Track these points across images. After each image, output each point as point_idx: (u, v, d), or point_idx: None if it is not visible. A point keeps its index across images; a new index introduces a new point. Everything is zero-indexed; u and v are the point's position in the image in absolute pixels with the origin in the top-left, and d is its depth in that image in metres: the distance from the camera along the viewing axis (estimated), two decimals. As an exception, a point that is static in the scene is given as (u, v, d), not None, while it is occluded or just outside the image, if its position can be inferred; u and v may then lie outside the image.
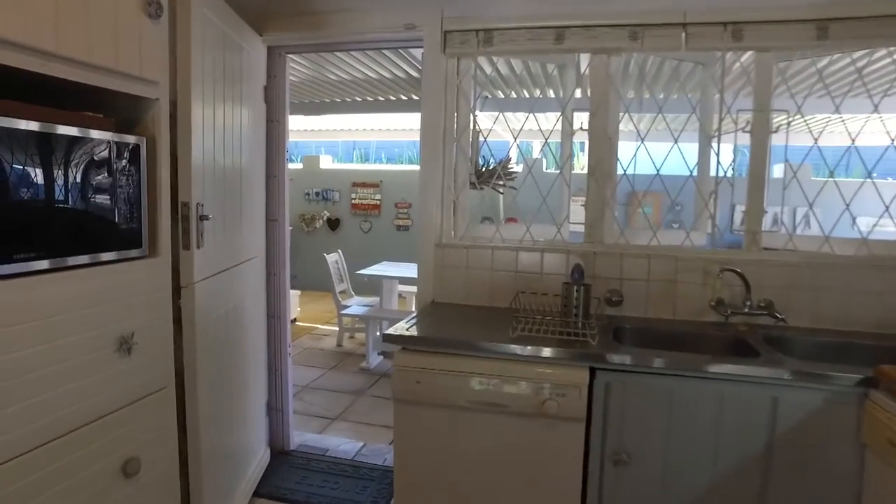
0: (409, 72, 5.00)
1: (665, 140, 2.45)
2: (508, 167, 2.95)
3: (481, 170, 2.75)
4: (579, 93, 2.94)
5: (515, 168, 3.09)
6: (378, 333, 5.50)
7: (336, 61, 4.71)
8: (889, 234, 2.28)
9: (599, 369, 1.76)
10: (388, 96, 6.22)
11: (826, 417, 1.61)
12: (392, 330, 1.95)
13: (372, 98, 6.35)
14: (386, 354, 5.39)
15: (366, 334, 5.30)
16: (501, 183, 2.76)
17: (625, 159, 2.43)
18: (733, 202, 2.32)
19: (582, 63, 2.61)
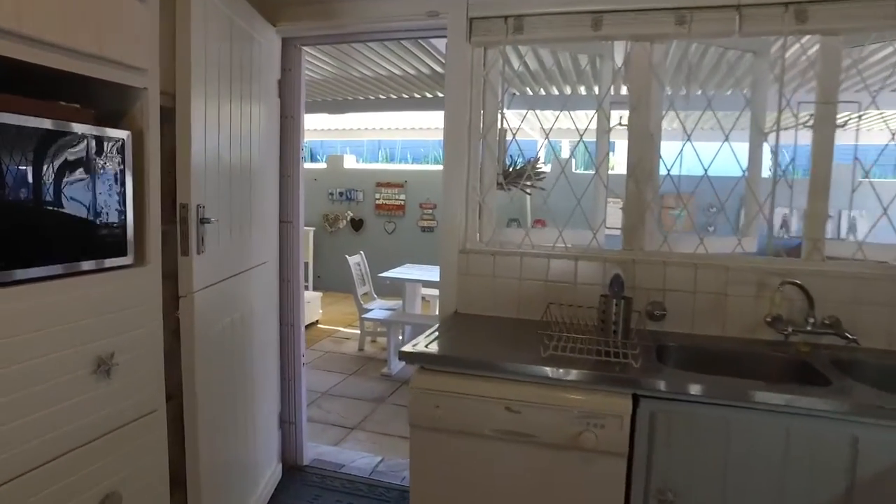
0: (433, 67, 4.81)
1: (705, 140, 2.21)
2: (536, 167, 2.76)
3: (508, 170, 2.55)
4: (614, 89, 2.71)
5: (543, 168, 2.90)
6: (400, 338, 5.36)
7: (359, 57, 4.56)
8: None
9: (644, 396, 1.54)
10: (412, 94, 6.04)
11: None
12: (409, 346, 1.76)
13: (396, 96, 6.19)
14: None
15: (387, 339, 5.15)
16: (529, 184, 2.56)
17: (666, 159, 2.20)
18: (781, 205, 2.08)
19: (618, 55, 2.39)
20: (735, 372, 1.79)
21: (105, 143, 1.30)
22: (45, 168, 1.18)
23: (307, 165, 10.52)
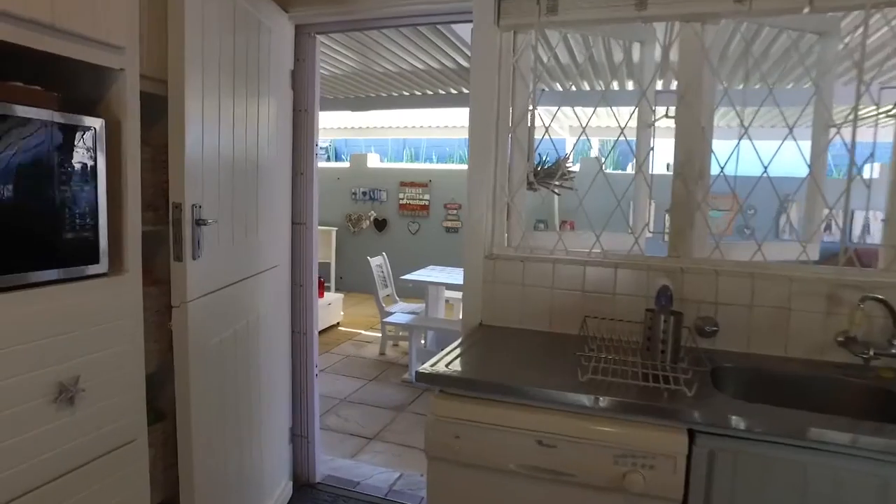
0: (458, 61, 4.60)
1: (756, 138, 1.95)
2: (565, 165, 2.54)
3: (536, 169, 2.33)
4: (658, 81, 2.46)
5: (573, 167, 2.68)
6: (422, 342, 5.18)
7: (381, 50, 4.37)
8: None
9: (701, 432, 1.31)
10: (436, 90, 5.84)
11: None
12: (428, 365, 1.56)
13: (420, 92, 5.99)
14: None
15: (409, 344, 4.97)
16: (557, 183, 2.33)
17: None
18: (856, 208, 1.82)
19: (654, 48, 2.14)
20: (805, 401, 1.54)
21: (72, 133, 1.11)
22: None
23: (330, 164, 10.43)
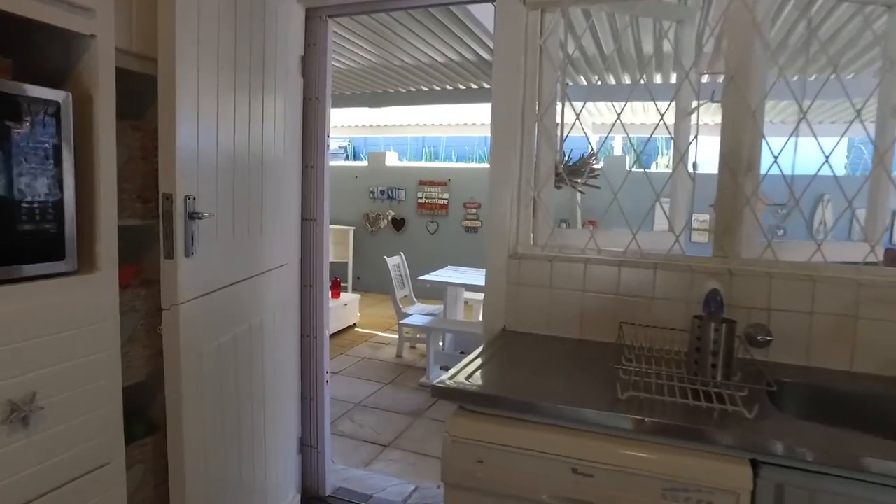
0: (480, 53, 4.42)
1: (805, 134, 1.75)
2: (591, 163, 2.36)
3: (562, 164, 2.15)
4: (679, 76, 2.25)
5: (596, 164, 2.51)
6: (441, 344, 5.02)
7: (400, 42, 4.22)
8: None
9: (766, 463, 1.11)
10: (456, 85, 5.67)
11: None
12: (446, 377, 1.38)
13: (440, 87, 5.83)
14: (448, 369, 4.92)
15: (427, 346, 4.81)
16: (580, 181, 2.15)
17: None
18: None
19: (692, 28, 1.94)
20: (882, 426, 1.33)
21: (28, 106, 0.96)
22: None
23: (348, 163, 10.32)
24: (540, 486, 1.22)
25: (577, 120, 1.92)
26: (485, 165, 9.76)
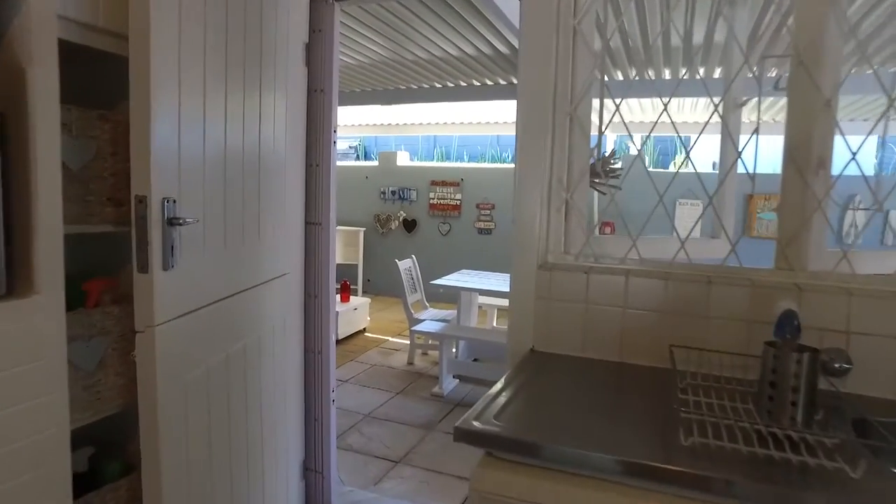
0: (496, 46, 4.19)
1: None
2: (611, 163, 2.13)
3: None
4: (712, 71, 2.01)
5: (616, 164, 2.30)
6: (454, 351, 4.81)
7: (413, 35, 4.00)
8: None
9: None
10: (471, 81, 5.44)
11: None
12: (472, 416, 1.15)
13: (453, 84, 5.60)
14: (462, 378, 4.71)
15: (440, 354, 4.59)
16: (598, 181, 1.93)
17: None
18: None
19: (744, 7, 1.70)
20: None
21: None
22: None
23: (359, 163, 10.12)
24: (589, 558, 0.99)
25: (616, 110, 1.68)
26: (498, 165, 9.52)
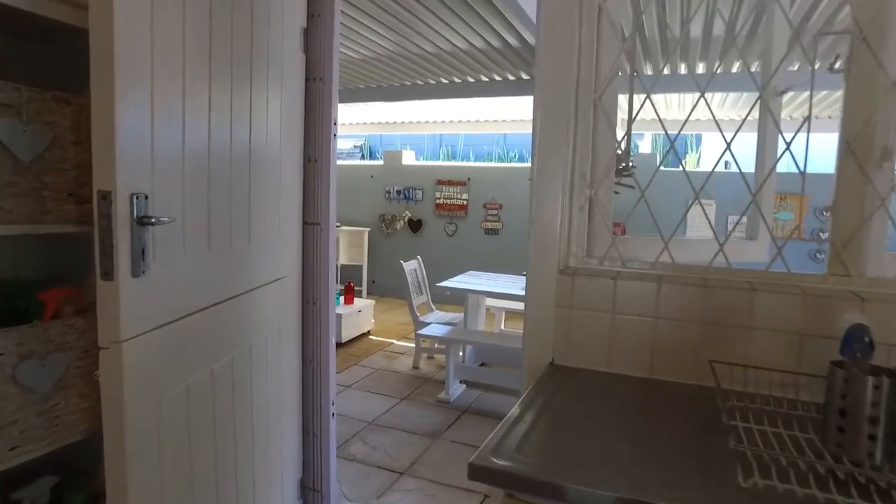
0: (506, 38, 4.02)
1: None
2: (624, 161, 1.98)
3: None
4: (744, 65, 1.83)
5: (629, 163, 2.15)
6: (461, 354, 4.65)
7: (420, 27, 3.83)
8: None
9: None
10: (479, 76, 5.28)
11: None
12: (488, 449, 0.98)
13: (460, 79, 5.44)
14: (470, 384, 4.55)
15: (446, 358, 4.43)
16: (616, 181, 1.77)
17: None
18: None
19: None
20: None
21: None
22: None
23: (364, 162, 9.97)
24: None
25: (647, 98, 1.51)
26: (505, 165, 9.35)
